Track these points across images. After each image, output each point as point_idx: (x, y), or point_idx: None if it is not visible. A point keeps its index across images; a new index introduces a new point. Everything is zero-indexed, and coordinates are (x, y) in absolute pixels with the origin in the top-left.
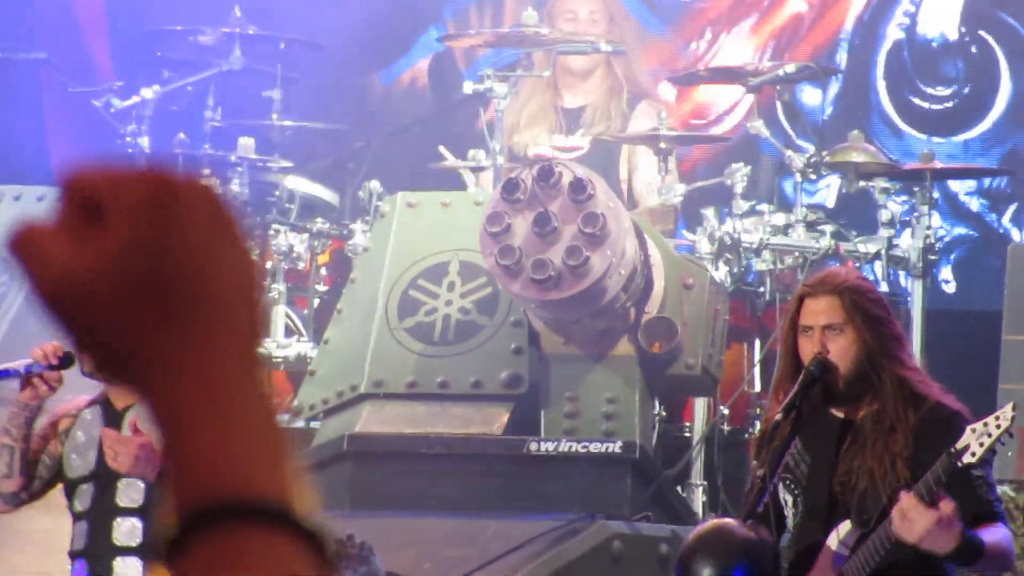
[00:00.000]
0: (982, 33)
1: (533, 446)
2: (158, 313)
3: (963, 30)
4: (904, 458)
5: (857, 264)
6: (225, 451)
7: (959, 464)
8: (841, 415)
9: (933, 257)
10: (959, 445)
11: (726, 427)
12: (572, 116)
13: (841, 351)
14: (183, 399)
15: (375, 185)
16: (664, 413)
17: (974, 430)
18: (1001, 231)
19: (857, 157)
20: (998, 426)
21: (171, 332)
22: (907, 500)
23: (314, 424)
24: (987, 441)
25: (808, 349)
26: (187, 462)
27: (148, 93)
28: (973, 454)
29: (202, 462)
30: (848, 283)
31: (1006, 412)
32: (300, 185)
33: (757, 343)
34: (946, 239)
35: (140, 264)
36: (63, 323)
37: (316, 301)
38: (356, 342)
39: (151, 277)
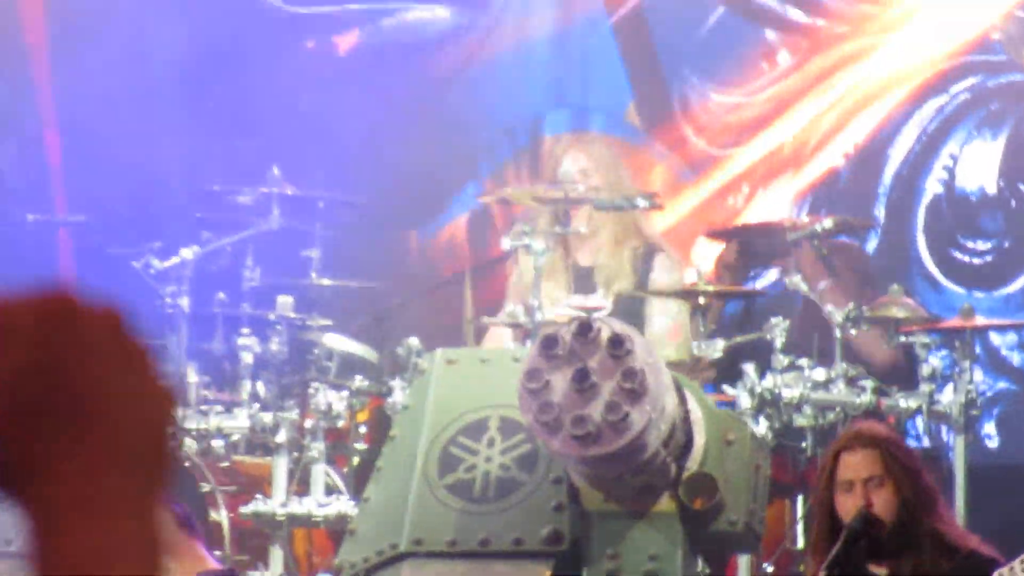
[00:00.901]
0: (1021, 186)
1: None
2: (45, 426)
3: (1002, 183)
4: None
5: (898, 420)
6: (87, 552)
7: None
8: (883, 572)
9: (975, 412)
10: None
11: None
12: (584, 275)
13: (884, 504)
14: (57, 505)
15: (414, 342)
16: (708, 570)
17: (1001, 574)
18: None
19: (897, 312)
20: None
21: (56, 444)
22: None
23: None
24: None
25: (848, 505)
26: (45, 557)
27: (188, 253)
28: None
29: (61, 558)
30: (884, 436)
31: None
32: (339, 343)
33: (799, 499)
34: (988, 394)
35: (31, 383)
36: None
37: (356, 459)
38: (396, 500)
39: (41, 395)
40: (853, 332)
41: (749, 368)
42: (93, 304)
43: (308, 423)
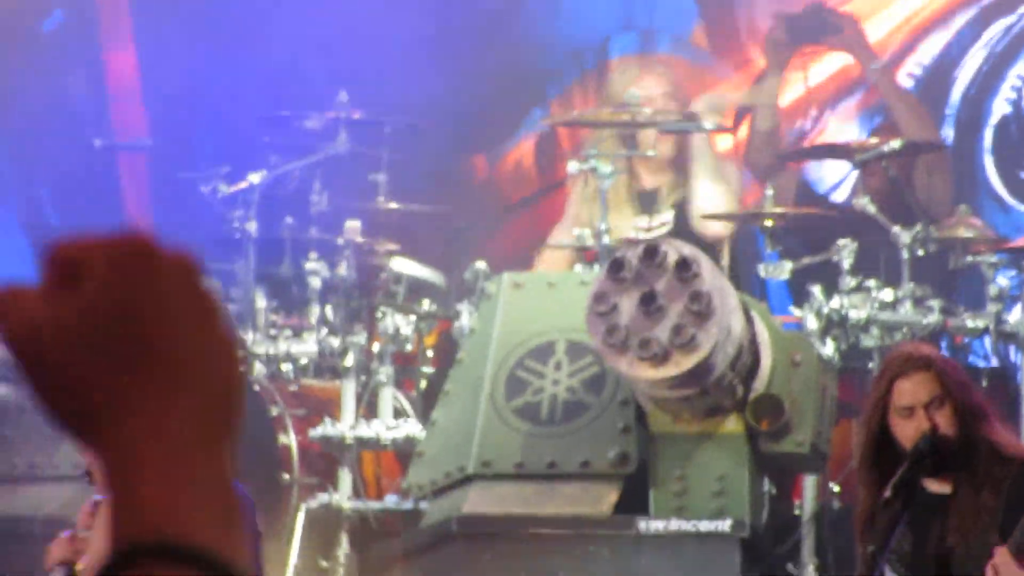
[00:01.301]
0: None
1: (643, 525)
2: (118, 368)
3: None
4: (992, 512)
5: (966, 340)
6: (166, 502)
7: None
8: (939, 488)
9: None
10: None
11: (836, 504)
12: (648, 198)
13: (947, 422)
14: (133, 450)
15: (481, 266)
16: (774, 491)
17: None
18: None
19: (965, 232)
20: None
21: (129, 387)
22: (1000, 555)
23: (423, 505)
24: None
25: (910, 429)
26: (127, 506)
27: (255, 178)
28: None
29: (141, 508)
30: (935, 357)
31: None
32: (406, 267)
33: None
34: None
35: (104, 323)
36: (27, 375)
37: (424, 383)
38: (464, 423)
39: (113, 335)
40: (920, 253)
41: (816, 289)
42: (168, 250)
43: (376, 347)
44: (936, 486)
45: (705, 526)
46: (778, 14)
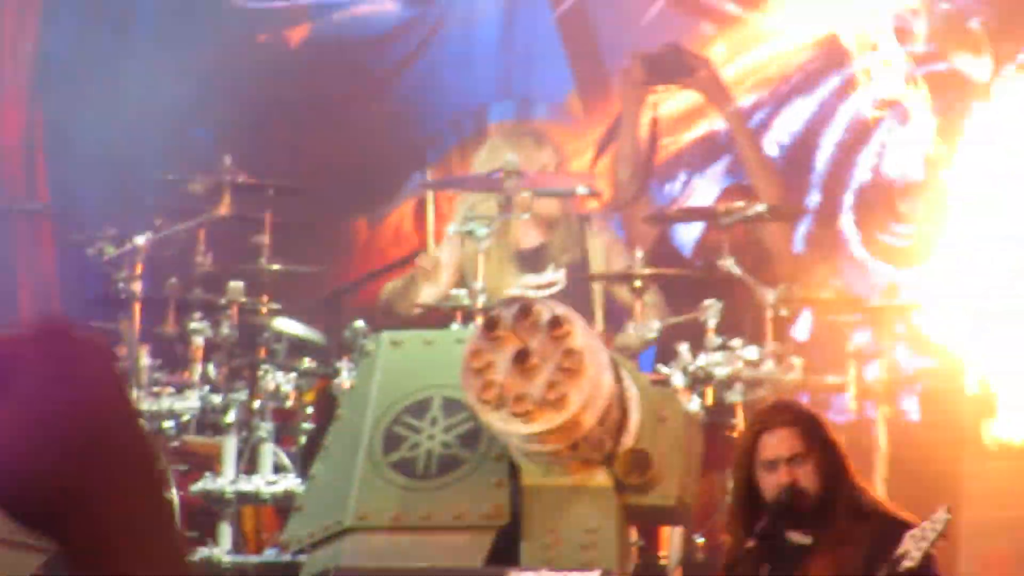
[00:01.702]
0: (942, 175)
1: None
2: (70, 462)
3: (925, 171)
4: (851, 569)
5: (825, 395)
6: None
7: (899, 570)
8: (800, 540)
9: (897, 387)
10: (899, 551)
11: (700, 555)
12: (530, 255)
13: (807, 479)
14: (103, 537)
15: (360, 325)
16: (641, 542)
17: (912, 535)
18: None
19: (826, 293)
20: (934, 530)
21: (87, 478)
22: None
23: (301, 558)
24: (924, 545)
25: (771, 482)
26: None
27: (141, 240)
28: (912, 559)
29: None
30: (802, 413)
31: (941, 515)
32: (287, 326)
33: (729, 473)
34: (911, 371)
35: (47, 420)
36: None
37: (302, 438)
38: (342, 478)
39: (58, 430)
40: (784, 312)
41: (683, 347)
42: (85, 337)
43: (257, 404)
44: (798, 537)
45: None
46: (635, 53)
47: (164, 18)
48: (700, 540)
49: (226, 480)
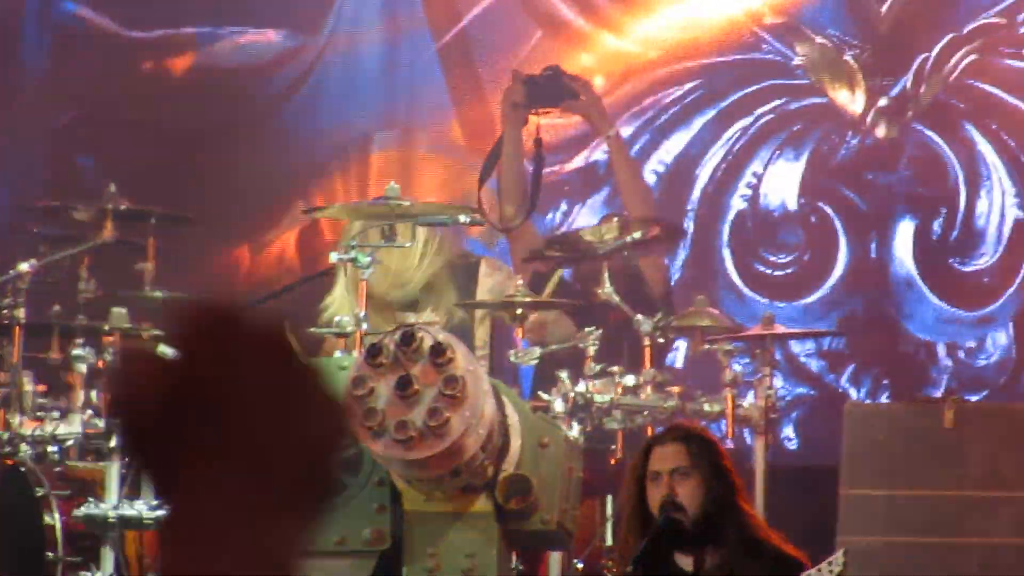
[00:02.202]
0: (820, 204)
1: None
2: (184, 431)
3: (802, 201)
4: None
5: (703, 423)
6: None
7: None
8: (688, 567)
9: (775, 416)
10: None
11: None
12: (408, 289)
13: (689, 494)
14: (188, 506)
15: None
16: (522, 567)
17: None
18: (840, 390)
19: (702, 321)
20: (831, 572)
21: (193, 449)
22: None
23: None
24: None
25: (655, 495)
26: (169, 561)
27: (24, 267)
28: None
29: (175, 567)
30: (694, 431)
31: (838, 558)
32: (172, 353)
33: (609, 499)
34: (788, 399)
35: (183, 388)
36: (123, 433)
37: None
38: None
39: (189, 402)
40: (661, 340)
41: (563, 375)
42: (259, 322)
43: None
44: (685, 562)
45: None
46: (516, 74)
47: (50, 47)
48: (580, 565)
49: (109, 505)
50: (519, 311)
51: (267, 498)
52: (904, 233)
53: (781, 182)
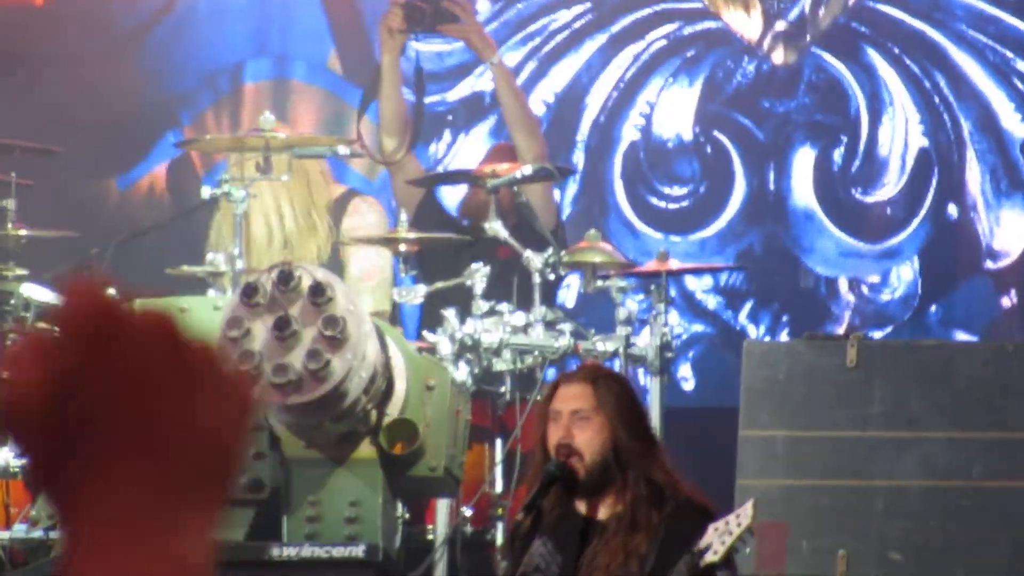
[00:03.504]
0: (716, 133)
1: (275, 551)
2: (75, 431)
3: (697, 130)
4: (641, 557)
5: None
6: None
7: (701, 563)
8: (584, 512)
9: (670, 355)
10: (701, 544)
11: (469, 528)
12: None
13: (587, 440)
14: (85, 515)
15: (113, 294)
16: (408, 515)
17: (716, 528)
18: (738, 328)
19: (594, 257)
20: (739, 524)
21: (86, 451)
22: None
23: (52, 535)
24: (729, 540)
25: (555, 435)
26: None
27: None
28: (715, 552)
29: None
30: (604, 373)
31: (747, 510)
32: (36, 293)
33: (499, 443)
34: (684, 337)
35: (77, 389)
36: (10, 433)
37: None
38: None
39: (87, 402)
40: (551, 277)
41: (450, 314)
42: (147, 311)
43: (5, 375)
44: (585, 508)
45: (339, 552)
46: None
47: None
48: (468, 513)
49: None
50: (403, 248)
51: (172, 498)
52: (803, 163)
53: (675, 110)
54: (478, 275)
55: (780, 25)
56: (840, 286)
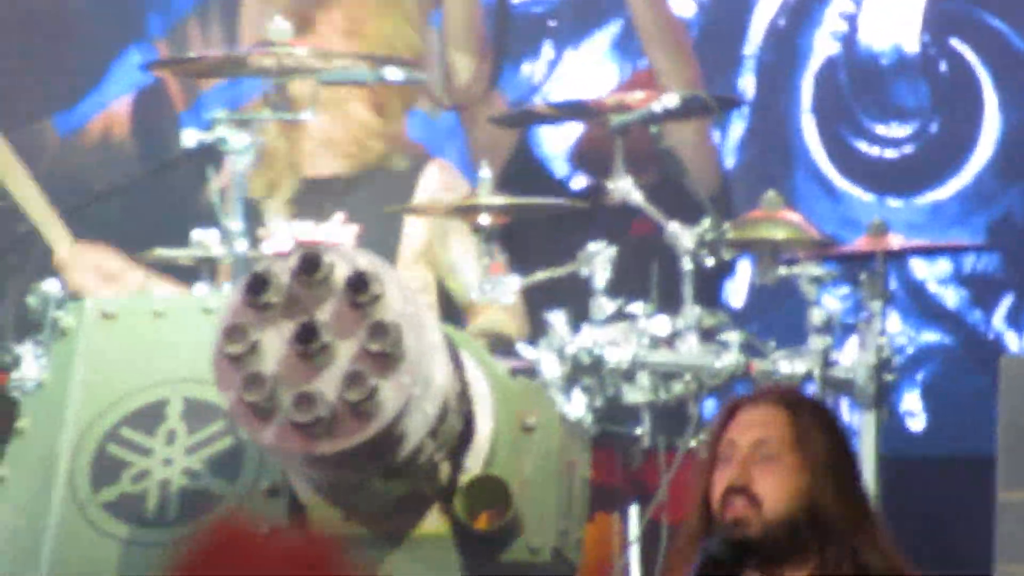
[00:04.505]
0: (954, 43)
1: None
2: None
3: (927, 39)
4: None
5: None
6: None
7: None
8: None
9: (890, 378)
10: None
11: None
12: (316, 189)
13: (773, 486)
14: None
15: (52, 288)
16: None
17: None
18: (991, 336)
19: (775, 232)
20: None
21: None
22: None
23: None
24: None
25: (722, 479)
26: None
27: None
28: None
29: None
30: (806, 398)
31: None
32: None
33: (633, 510)
34: (910, 351)
35: None
36: None
37: None
38: (30, 522)
39: None
40: (710, 262)
41: (557, 318)
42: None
43: None
44: None
45: None
46: None
47: None
48: None
49: None
50: (486, 219)
51: None
52: None
53: (892, 9)
54: (599, 261)
55: None
56: None
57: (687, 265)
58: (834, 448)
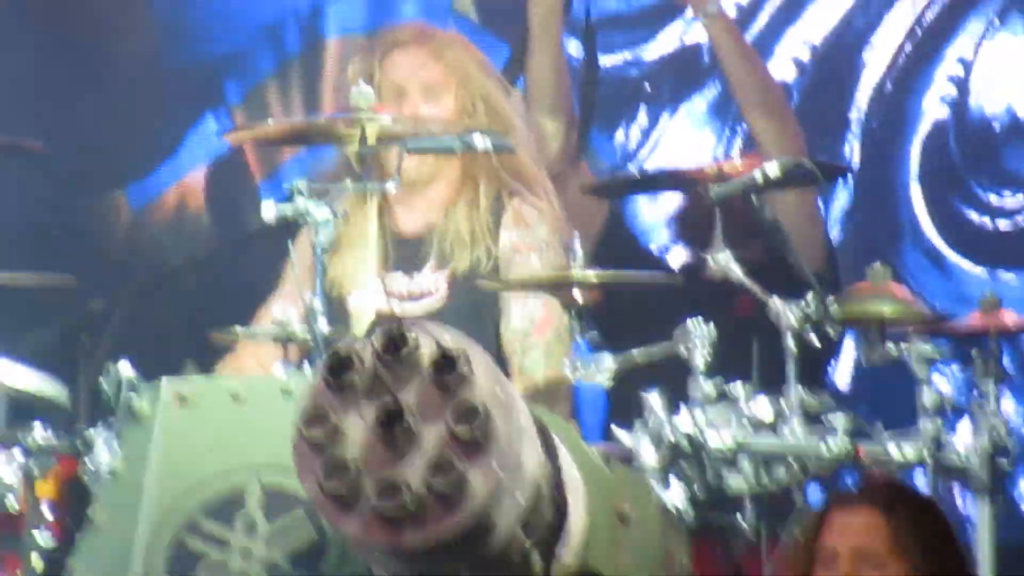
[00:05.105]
0: None
1: None
2: None
3: None
4: None
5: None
6: None
7: None
8: None
9: (1007, 464)
10: None
11: None
12: (410, 246)
13: None
14: None
15: (125, 369)
16: None
17: None
18: None
19: (882, 307)
20: None
21: None
22: None
23: None
24: None
25: None
26: None
27: None
28: None
29: None
30: (906, 496)
31: None
32: (6, 373)
33: None
34: None
35: None
36: None
37: (37, 560)
38: None
39: None
40: (815, 341)
41: (654, 400)
42: None
43: None
44: None
45: None
46: None
47: None
48: None
49: None
50: (579, 295)
51: None
52: None
53: (1006, 70)
54: (697, 339)
55: None
56: None
57: (791, 344)
58: (940, 549)
